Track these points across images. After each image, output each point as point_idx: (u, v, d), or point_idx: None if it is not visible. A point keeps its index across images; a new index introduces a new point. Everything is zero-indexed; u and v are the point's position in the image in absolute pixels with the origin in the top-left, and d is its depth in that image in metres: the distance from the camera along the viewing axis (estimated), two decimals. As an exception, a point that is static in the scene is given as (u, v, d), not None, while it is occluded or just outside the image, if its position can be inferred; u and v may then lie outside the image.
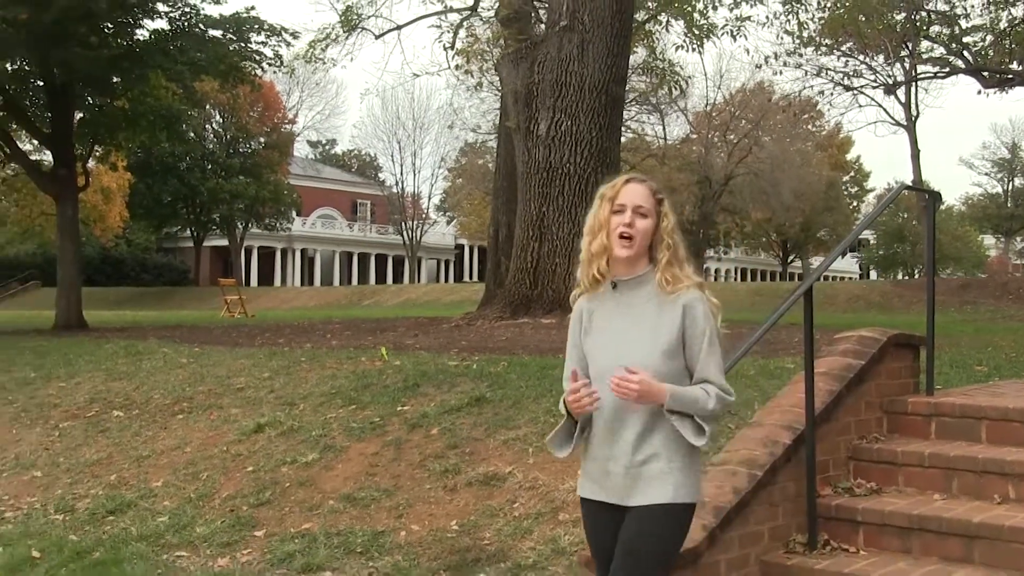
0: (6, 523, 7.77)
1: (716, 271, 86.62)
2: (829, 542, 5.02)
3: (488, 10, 20.82)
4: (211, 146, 63.63)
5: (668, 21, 20.62)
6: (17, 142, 21.76)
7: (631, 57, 17.21)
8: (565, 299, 13.75)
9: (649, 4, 19.51)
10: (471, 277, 76.96)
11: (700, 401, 3.55)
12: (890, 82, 35.66)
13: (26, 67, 20.21)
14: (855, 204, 78.37)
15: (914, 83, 36.72)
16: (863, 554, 4.91)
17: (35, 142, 22.58)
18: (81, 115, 21.14)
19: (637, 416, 3.58)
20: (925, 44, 31.95)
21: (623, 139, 16.92)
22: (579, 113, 13.80)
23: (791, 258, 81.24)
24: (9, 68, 20.19)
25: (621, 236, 3.65)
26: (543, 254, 13.85)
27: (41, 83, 20.29)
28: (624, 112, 16.37)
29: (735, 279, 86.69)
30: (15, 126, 21.27)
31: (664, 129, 60.81)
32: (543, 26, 15.62)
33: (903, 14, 28.25)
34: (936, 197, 6.50)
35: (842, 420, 5.47)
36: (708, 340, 3.64)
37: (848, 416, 5.51)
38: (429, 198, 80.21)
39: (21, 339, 16.19)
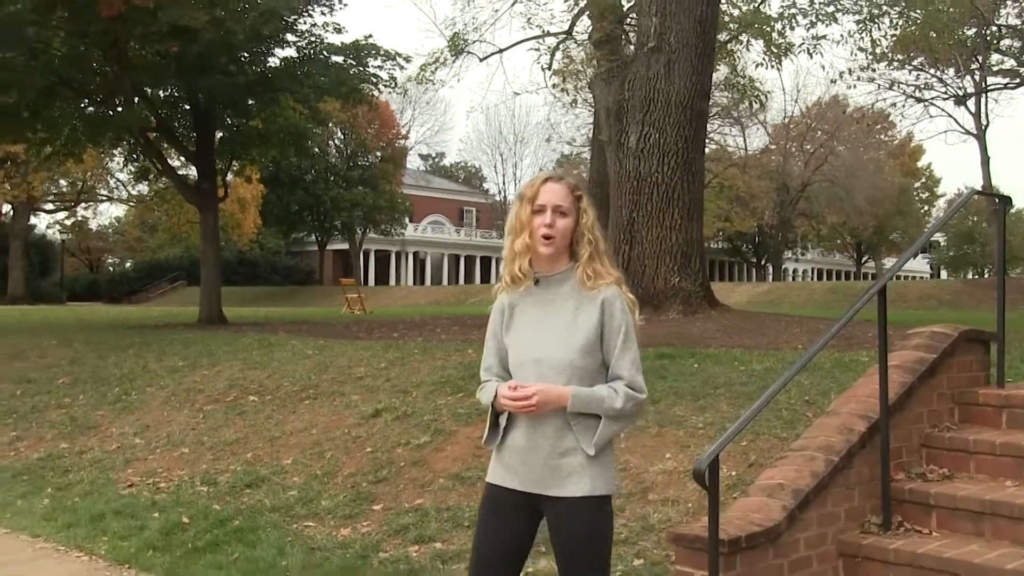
0: (160, 492, 7.93)
1: (794, 271, 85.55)
2: (903, 524, 4.88)
3: (582, 33, 20.76)
4: (333, 160, 64.40)
5: (748, 41, 20.31)
6: (168, 159, 22.21)
7: (714, 74, 17.00)
8: (654, 297, 13.75)
9: (731, 25, 19.27)
10: (567, 277, 76.60)
11: (606, 400, 3.35)
12: (960, 94, 34.89)
13: (176, 93, 20.64)
14: (926, 208, 76.72)
15: (984, 94, 35.79)
16: (936, 535, 4.76)
17: (182, 159, 23.02)
18: (221, 134, 21.49)
19: (557, 411, 3.38)
20: (995, 57, 31.18)
21: (707, 150, 16.76)
22: (666, 127, 13.69)
23: (865, 259, 79.92)
24: (162, 95, 20.64)
25: (543, 236, 3.43)
26: (633, 256, 13.74)
27: (188, 107, 20.68)
28: (708, 124, 16.19)
29: (812, 279, 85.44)
30: (166, 145, 21.70)
31: (745, 140, 60.46)
32: (632, 47, 15.50)
33: (974, 29, 27.56)
34: (1006, 201, 6.27)
35: (914, 410, 5.31)
36: (624, 336, 3.41)
37: (920, 406, 5.35)
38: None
39: (170, 332, 16.50)
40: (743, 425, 4.30)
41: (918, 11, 19.80)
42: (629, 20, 16.95)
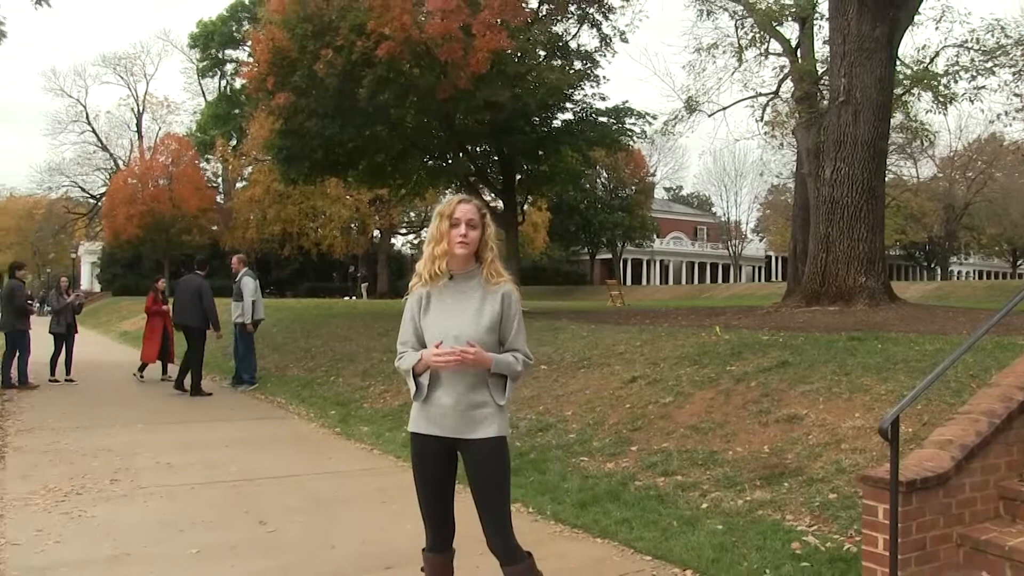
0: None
1: (958, 272, 79.06)
2: (1058, 476, 4.47)
3: (786, 93, 20.04)
4: (600, 192, 64.64)
5: (919, 93, 19.03)
6: (482, 195, 23.01)
7: (891, 120, 16.04)
8: (845, 293, 13.10)
9: (904, 82, 18.09)
10: (776, 278, 73.86)
11: (512, 365, 3.37)
12: (1110, 127, 31.07)
13: (488, 149, 21.37)
14: (1076, 220, 68.89)
15: None
16: (1089, 487, 4.33)
17: (492, 195, 23.75)
18: (520, 177, 22.05)
19: (471, 373, 3.33)
20: None
21: (886, 179, 15.83)
22: (854, 162, 13.08)
23: (1020, 262, 72.71)
24: (478, 150, 21.44)
25: (459, 243, 3.37)
26: (829, 262, 13.21)
27: (496, 158, 21.35)
28: (887, 159, 15.33)
29: (974, 278, 78.53)
30: (481, 185, 22.52)
31: (917, 170, 56.48)
32: (826, 102, 14.87)
33: None
34: None
35: (1067, 384, 4.84)
36: (518, 321, 3.45)
37: (1073, 380, 4.87)
38: (746, 223, 78.12)
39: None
40: (919, 392, 4.11)
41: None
42: (823, 81, 16.24)
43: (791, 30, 18.70)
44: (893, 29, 13.35)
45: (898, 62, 16.20)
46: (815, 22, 17.76)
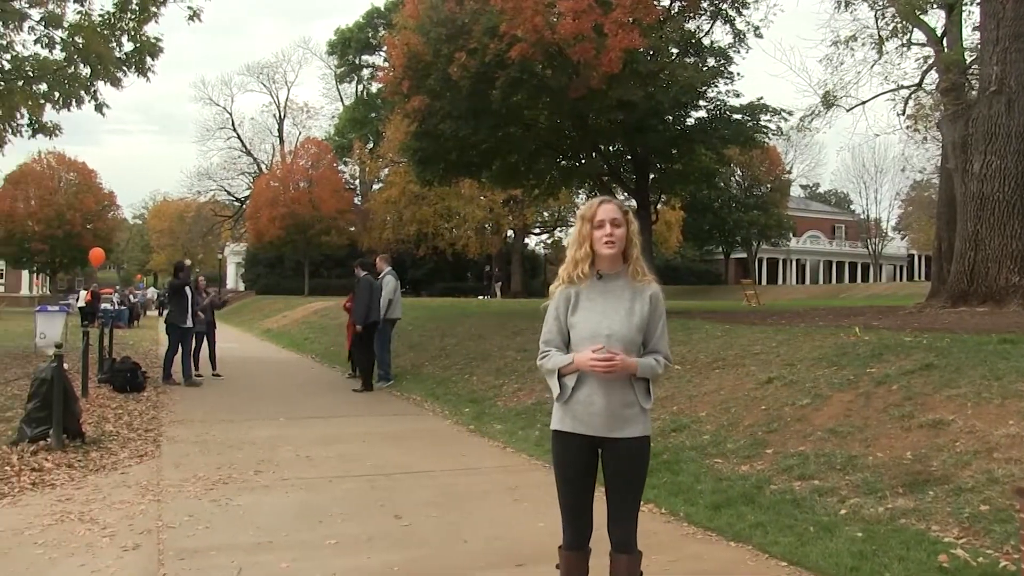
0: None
1: None
2: None
3: (930, 84, 19.01)
4: (734, 191, 63.25)
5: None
6: (615, 195, 22.85)
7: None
8: (996, 293, 12.38)
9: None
10: (919, 277, 70.20)
11: (655, 368, 3.40)
12: None
13: (621, 148, 21.19)
14: None
15: None
16: None
17: (625, 194, 23.51)
18: (653, 176, 21.76)
19: (623, 375, 3.33)
20: None
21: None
22: (1007, 155, 12.31)
23: None
24: (611, 149, 21.31)
25: (606, 243, 3.37)
26: (977, 261, 12.48)
27: (629, 157, 21.13)
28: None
29: None
30: (614, 185, 22.36)
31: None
32: (974, 93, 14.02)
33: None
34: None
35: None
36: (663, 323, 3.48)
37: None
38: (887, 221, 74.74)
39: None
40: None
41: None
42: (971, 71, 15.32)
43: (936, 18, 17.74)
44: (1058, 10, 12.50)
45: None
46: (964, 8, 16.78)
